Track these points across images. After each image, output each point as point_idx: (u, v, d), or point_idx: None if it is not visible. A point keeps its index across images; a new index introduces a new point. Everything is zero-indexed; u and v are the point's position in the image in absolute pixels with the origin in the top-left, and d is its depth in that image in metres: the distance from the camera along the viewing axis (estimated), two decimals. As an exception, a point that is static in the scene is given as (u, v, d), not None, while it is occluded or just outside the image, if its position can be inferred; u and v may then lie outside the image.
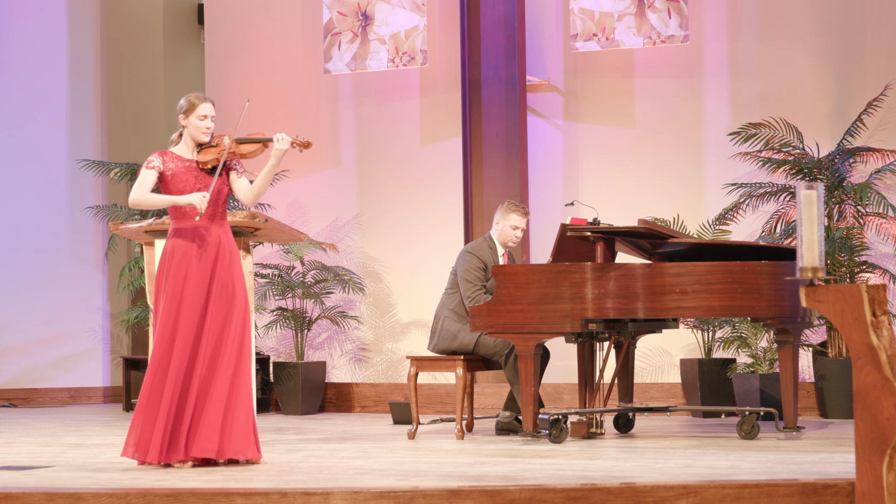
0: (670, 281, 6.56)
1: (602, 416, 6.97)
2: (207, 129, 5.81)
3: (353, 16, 9.67)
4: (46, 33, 11.02)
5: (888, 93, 8.66)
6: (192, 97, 5.83)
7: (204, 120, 5.80)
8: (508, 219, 7.41)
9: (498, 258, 7.42)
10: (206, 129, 5.81)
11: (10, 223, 10.89)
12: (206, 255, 5.72)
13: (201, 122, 5.80)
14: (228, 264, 5.75)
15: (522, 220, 7.42)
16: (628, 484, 4.55)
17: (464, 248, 7.52)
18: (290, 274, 9.65)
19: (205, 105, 5.81)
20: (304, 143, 5.90)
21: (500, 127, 9.20)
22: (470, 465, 5.57)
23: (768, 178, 8.69)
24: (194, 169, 5.80)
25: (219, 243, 5.76)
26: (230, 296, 5.72)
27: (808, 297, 4.40)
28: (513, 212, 7.40)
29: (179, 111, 5.83)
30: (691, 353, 8.94)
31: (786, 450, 6.05)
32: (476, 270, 7.32)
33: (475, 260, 7.34)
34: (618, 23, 9.05)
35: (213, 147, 5.85)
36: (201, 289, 5.69)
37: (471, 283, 7.30)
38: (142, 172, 5.76)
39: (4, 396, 10.77)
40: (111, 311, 11.08)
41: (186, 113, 5.81)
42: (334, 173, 9.96)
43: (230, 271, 5.75)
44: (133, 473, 5.44)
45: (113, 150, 11.23)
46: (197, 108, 5.80)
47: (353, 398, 9.69)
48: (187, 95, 5.87)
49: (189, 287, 5.68)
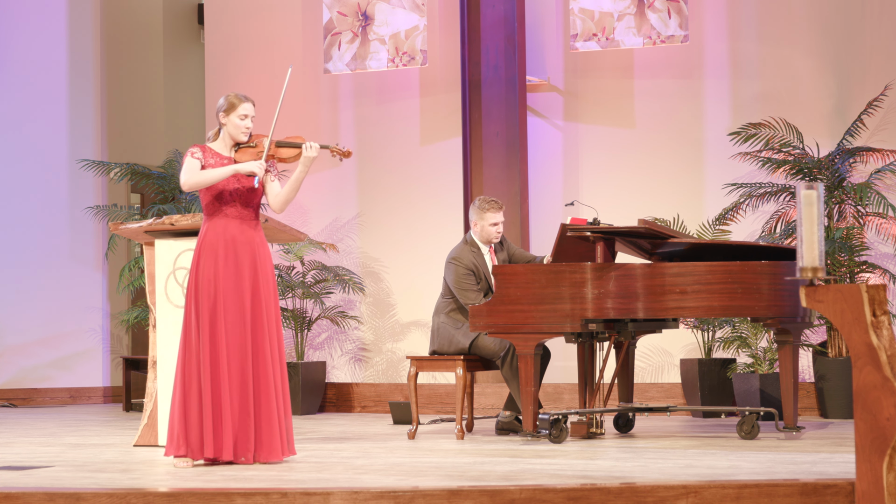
0: (670, 281, 6.56)
1: (602, 416, 6.97)
2: (247, 129, 5.89)
3: (353, 16, 9.67)
4: (46, 33, 11.02)
5: (888, 93, 8.66)
6: (233, 96, 5.90)
7: (244, 119, 5.88)
8: (485, 218, 7.41)
9: (483, 256, 7.42)
10: (246, 129, 5.89)
11: (10, 223, 10.90)
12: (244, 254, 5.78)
13: (241, 122, 5.88)
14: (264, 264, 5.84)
15: (499, 215, 7.43)
16: (628, 484, 4.55)
17: (447, 256, 7.50)
18: (290, 274, 9.65)
19: (246, 105, 5.88)
20: (344, 151, 5.93)
21: (500, 127, 9.20)
22: (470, 465, 5.57)
23: (768, 178, 8.69)
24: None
25: (254, 244, 5.83)
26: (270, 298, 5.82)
27: (808, 297, 4.40)
28: (487, 210, 7.40)
29: (219, 110, 5.89)
30: (691, 353, 8.94)
31: (786, 450, 6.05)
32: (465, 277, 7.32)
33: (460, 268, 7.34)
34: (618, 23, 9.05)
35: (251, 147, 5.90)
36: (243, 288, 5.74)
37: (464, 291, 7.29)
38: (186, 160, 5.82)
39: (4, 396, 10.78)
40: (111, 311, 11.08)
41: (227, 111, 5.87)
42: (334, 173, 9.96)
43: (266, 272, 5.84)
44: (133, 473, 5.44)
45: (113, 150, 11.23)
46: (238, 107, 5.87)
47: (353, 398, 9.69)
48: (226, 94, 5.94)
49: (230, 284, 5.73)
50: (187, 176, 5.78)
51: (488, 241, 7.44)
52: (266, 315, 5.79)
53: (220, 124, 5.92)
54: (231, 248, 5.78)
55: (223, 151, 5.90)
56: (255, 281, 5.79)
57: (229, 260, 5.77)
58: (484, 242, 7.44)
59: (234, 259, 5.77)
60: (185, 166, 5.81)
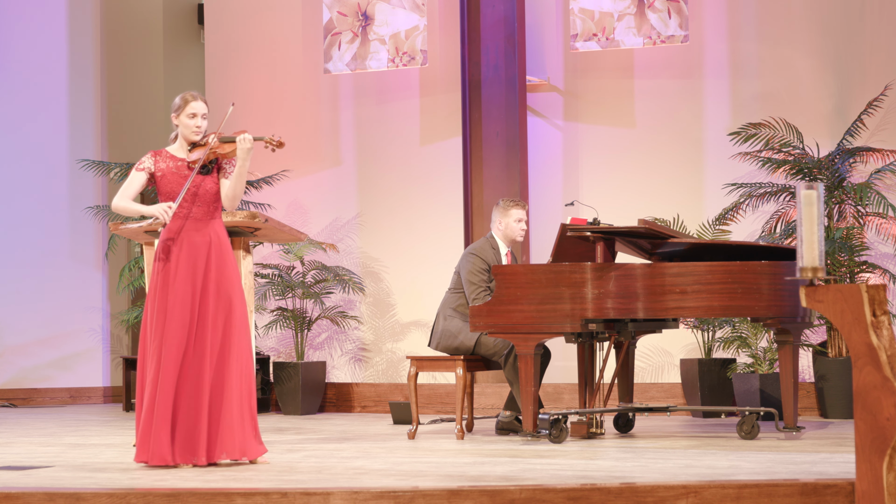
0: (670, 281, 6.56)
1: (602, 416, 6.97)
2: (198, 128, 5.75)
3: (353, 16, 9.67)
4: (46, 33, 11.02)
5: (888, 93, 8.66)
6: (186, 95, 5.78)
7: (194, 118, 5.74)
8: (510, 215, 7.42)
9: (501, 258, 7.42)
10: (197, 128, 5.75)
11: (10, 223, 10.90)
12: (198, 253, 5.68)
13: (191, 121, 5.75)
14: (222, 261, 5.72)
15: (523, 212, 7.46)
16: (628, 484, 4.55)
17: (466, 249, 7.52)
18: (290, 274, 9.65)
19: (195, 103, 5.75)
20: (277, 142, 5.79)
21: (500, 127, 9.20)
22: (470, 465, 5.57)
23: (768, 178, 8.70)
24: (185, 168, 5.76)
25: (209, 242, 5.72)
26: (227, 294, 5.70)
27: (808, 297, 4.40)
28: (512, 207, 7.43)
29: (173, 109, 5.79)
30: (691, 353, 8.94)
31: (786, 450, 6.05)
32: (480, 272, 7.32)
33: (478, 261, 7.35)
34: (618, 23, 9.05)
35: (201, 146, 5.80)
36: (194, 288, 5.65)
37: (475, 286, 7.30)
38: (130, 174, 5.77)
39: (4, 396, 10.77)
40: (111, 311, 11.08)
41: (178, 111, 5.77)
42: (334, 173, 9.96)
43: (223, 268, 5.71)
44: (133, 473, 5.44)
45: (113, 150, 11.23)
46: (187, 106, 5.74)
47: (353, 398, 9.69)
48: (182, 93, 5.82)
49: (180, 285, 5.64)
50: (117, 200, 5.73)
51: (512, 239, 7.44)
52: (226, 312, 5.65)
53: (174, 125, 5.80)
54: (184, 250, 5.66)
55: (178, 153, 5.79)
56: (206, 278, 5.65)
57: (181, 263, 5.65)
58: (507, 242, 7.45)
59: (187, 261, 5.65)
60: (127, 182, 5.76)
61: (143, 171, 5.75)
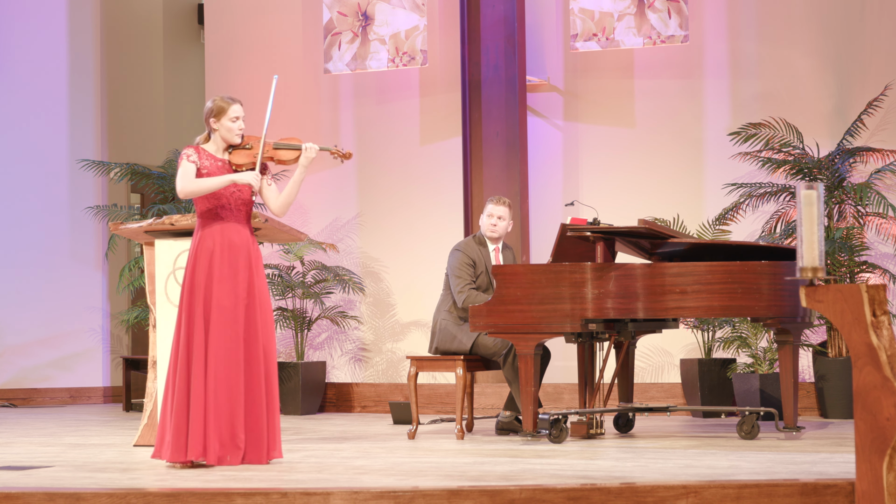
0: (670, 281, 6.56)
1: (602, 416, 6.97)
2: (240, 131, 5.87)
3: (353, 16, 9.67)
4: (46, 33, 11.02)
5: (888, 93, 8.66)
6: (220, 100, 5.87)
7: (236, 122, 5.85)
8: (485, 210, 7.53)
9: (489, 253, 7.44)
10: (239, 131, 5.87)
11: (10, 223, 10.89)
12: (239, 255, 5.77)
13: (234, 124, 5.85)
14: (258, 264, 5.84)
15: (497, 209, 7.48)
16: (628, 484, 4.55)
17: (453, 247, 7.56)
18: (290, 274, 9.65)
19: (235, 106, 5.86)
20: (344, 153, 5.94)
21: (500, 127, 9.21)
22: (470, 465, 5.57)
23: (768, 178, 8.69)
24: (227, 170, 5.84)
25: (248, 245, 5.82)
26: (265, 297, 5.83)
27: (808, 297, 4.40)
28: (489, 203, 7.53)
29: (209, 114, 5.85)
30: (691, 353, 8.94)
31: (786, 450, 6.05)
32: (464, 266, 7.36)
33: (463, 256, 7.39)
34: (618, 23, 9.05)
35: (246, 149, 5.87)
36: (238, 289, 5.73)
37: (459, 278, 7.33)
38: (182, 164, 5.79)
39: (4, 396, 10.77)
40: (111, 311, 11.08)
41: (217, 116, 5.84)
42: (334, 173, 9.96)
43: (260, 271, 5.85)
44: (133, 473, 5.44)
45: (113, 150, 11.23)
46: (228, 110, 5.84)
47: (353, 398, 9.69)
48: (213, 98, 5.90)
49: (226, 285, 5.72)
50: (183, 183, 5.74)
51: (488, 234, 7.47)
52: (262, 317, 5.79)
53: (210, 129, 5.87)
54: (227, 253, 5.75)
55: (217, 153, 5.87)
56: (250, 284, 5.78)
57: (224, 264, 5.74)
58: (488, 237, 7.47)
59: (229, 263, 5.75)
60: (181, 171, 5.77)
61: (193, 163, 5.80)
